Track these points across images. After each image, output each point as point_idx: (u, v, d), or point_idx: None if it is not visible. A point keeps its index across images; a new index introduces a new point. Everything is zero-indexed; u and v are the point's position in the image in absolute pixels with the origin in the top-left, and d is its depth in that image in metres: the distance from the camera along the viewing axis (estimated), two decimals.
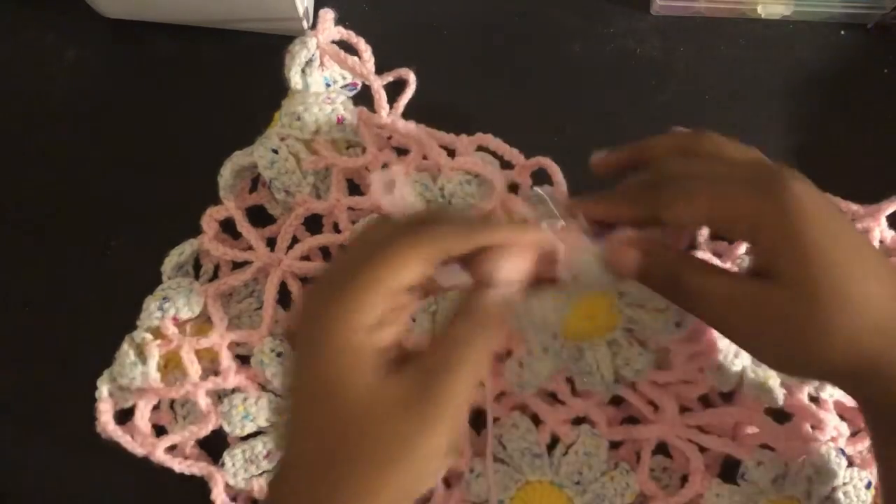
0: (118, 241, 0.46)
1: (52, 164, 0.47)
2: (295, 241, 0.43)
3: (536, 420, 0.41)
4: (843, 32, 0.47)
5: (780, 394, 0.39)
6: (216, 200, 0.43)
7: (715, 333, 0.39)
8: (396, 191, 0.32)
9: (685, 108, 0.47)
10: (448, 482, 0.41)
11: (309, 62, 0.42)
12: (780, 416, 0.40)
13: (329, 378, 0.28)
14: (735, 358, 0.39)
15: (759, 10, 0.47)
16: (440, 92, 0.46)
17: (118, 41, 0.48)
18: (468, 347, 0.29)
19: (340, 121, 0.42)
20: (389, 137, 0.44)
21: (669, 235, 0.35)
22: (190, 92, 0.47)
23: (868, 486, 0.40)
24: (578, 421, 0.41)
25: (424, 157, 0.43)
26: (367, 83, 0.44)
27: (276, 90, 0.43)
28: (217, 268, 0.44)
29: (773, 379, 0.39)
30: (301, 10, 0.45)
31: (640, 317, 0.37)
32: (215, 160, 0.43)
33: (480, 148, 0.43)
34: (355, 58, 0.43)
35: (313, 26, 0.44)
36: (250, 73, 0.47)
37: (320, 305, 0.29)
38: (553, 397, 0.42)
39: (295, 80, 0.42)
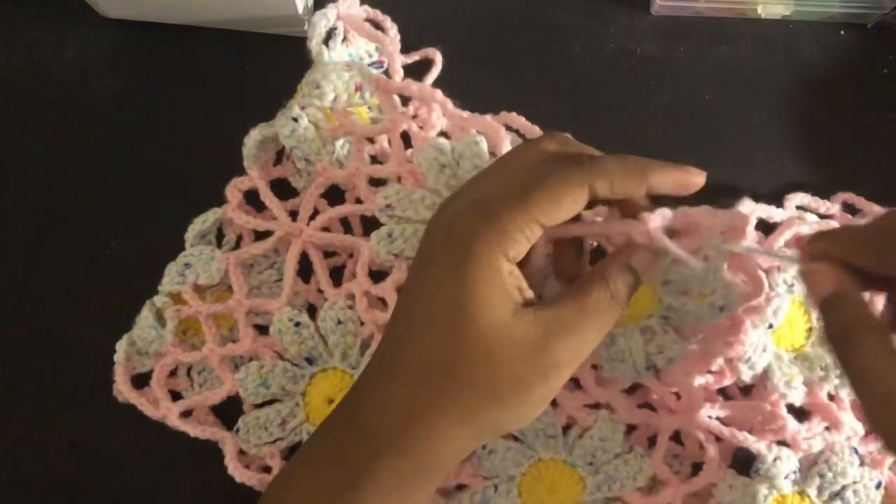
0: (118, 241, 0.46)
1: (52, 164, 0.47)
2: (316, 213, 0.43)
3: (553, 401, 0.40)
4: (842, 32, 0.47)
5: (801, 392, 0.39)
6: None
7: (748, 323, 0.38)
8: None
9: (685, 108, 0.47)
10: None
11: (332, 35, 0.42)
12: (799, 413, 0.40)
13: (467, 297, 0.29)
14: (763, 352, 0.38)
15: (759, 9, 0.47)
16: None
17: (118, 41, 0.48)
18: (599, 317, 0.30)
19: (359, 88, 0.41)
20: (414, 116, 0.44)
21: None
22: (189, 92, 0.47)
23: (878, 485, 0.40)
24: (596, 404, 0.41)
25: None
26: (385, 56, 0.44)
27: (277, 90, 0.43)
28: (239, 238, 0.45)
29: (797, 377, 0.39)
30: (301, 10, 0.45)
31: (683, 304, 0.35)
32: (215, 160, 0.43)
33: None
34: (378, 32, 0.43)
35: None
36: (250, 73, 0.47)
37: (471, 224, 0.29)
38: (574, 382, 0.41)
39: (316, 50, 0.42)
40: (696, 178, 0.31)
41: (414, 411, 0.30)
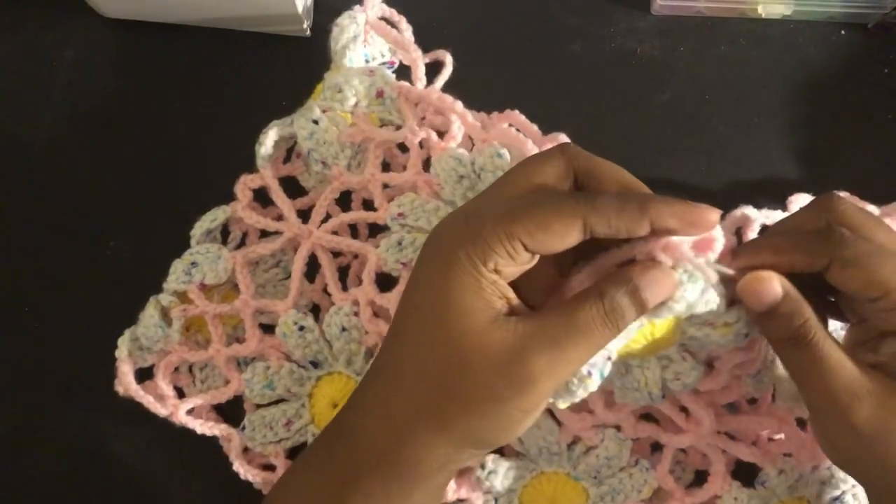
0: (118, 241, 0.46)
1: (52, 164, 0.47)
2: (328, 215, 0.43)
3: (557, 421, 0.40)
4: (843, 32, 0.47)
5: None
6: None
7: (762, 341, 0.36)
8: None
9: (685, 108, 0.47)
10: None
11: (354, 37, 0.42)
12: (802, 422, 0.40)
13: (444, 303, 0.28)
14: (772, 364, 0.38)
15: (760, 9, 0.47)
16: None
17: (118, 41, 0.48)
18: (587, 334, 0.28)
19: (380, 94, 0.41)
20: (423, 118, 0.43)
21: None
22: (189, 92, 0.47)
23: None
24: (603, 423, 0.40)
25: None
26: (405, 62, 0.43)
27: (277, 89, 0.43)
28: (244, 236, 0.45)
29: None
30: (301, 10, 0.45)
31: (707, 334, 0.34)
32: (215, 160, 0.43)
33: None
34: (401, 36, 0.43)
35: (313, 26, 0.44)
36: (250, 72, 0.47)
37: (454, 232, 0.29)
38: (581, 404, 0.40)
39: (340, 53, 0.42)
40: (707, 215, 0.29)
41: (394, 418, 0.30)
